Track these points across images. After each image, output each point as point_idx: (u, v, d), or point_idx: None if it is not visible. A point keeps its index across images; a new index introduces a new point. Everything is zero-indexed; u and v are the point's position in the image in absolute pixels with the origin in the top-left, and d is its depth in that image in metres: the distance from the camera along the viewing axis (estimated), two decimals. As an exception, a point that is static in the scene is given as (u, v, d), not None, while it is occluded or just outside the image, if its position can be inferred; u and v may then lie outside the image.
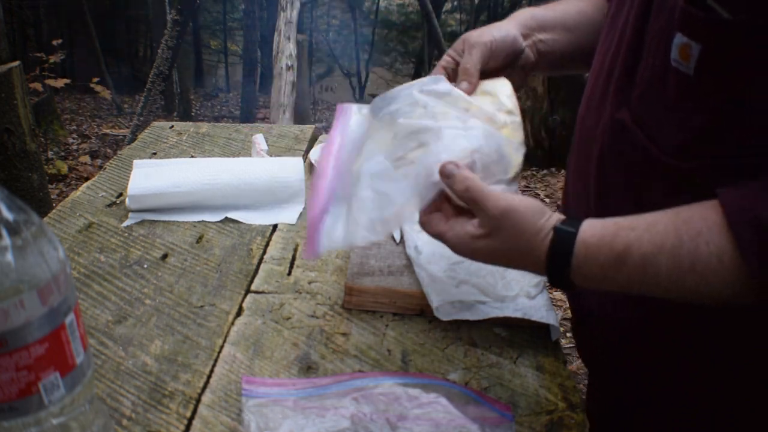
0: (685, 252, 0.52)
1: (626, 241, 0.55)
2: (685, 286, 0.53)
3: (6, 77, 2.44)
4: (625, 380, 0.73)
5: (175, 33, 5.24)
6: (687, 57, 0.53)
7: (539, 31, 0.80)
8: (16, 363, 0.43)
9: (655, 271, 0.53)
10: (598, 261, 0.56)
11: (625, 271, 0.55)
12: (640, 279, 0.54)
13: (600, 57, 0.70)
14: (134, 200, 0.98)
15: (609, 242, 0.55)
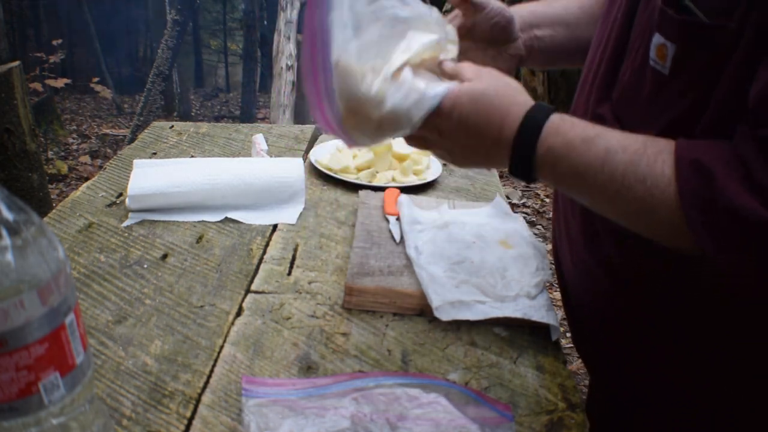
0: (644, 162, 0.53)
1: (599, 131, 0.56)
2: (633, 193, 0.53)
3: (6, 77, 2.44)
4: (624, 380, 0.73)
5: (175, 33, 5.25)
6: (663, 57, 0.55)
7: (536, 28, 0.81)
8: (16, 363, 0.43)
9: (613, 167, 0.54)
10: (567, 136, 0.56)
11: (587, 156, 0.55)
12: (597, 169, 0.55)
13: (591, 53, 0.72)
14: (134, 200, 0.98)
15: (584, 125, 0.57)
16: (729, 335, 0.61)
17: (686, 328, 0.63)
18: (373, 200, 1.01)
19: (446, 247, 0.86)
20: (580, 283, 0.75)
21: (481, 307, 0.76)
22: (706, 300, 0.59)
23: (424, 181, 1.14)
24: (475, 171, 1.26)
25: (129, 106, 7.58)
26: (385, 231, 0.92)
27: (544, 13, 0.82)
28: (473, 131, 0.60)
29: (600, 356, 0.77)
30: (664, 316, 0.64)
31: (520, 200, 4.05)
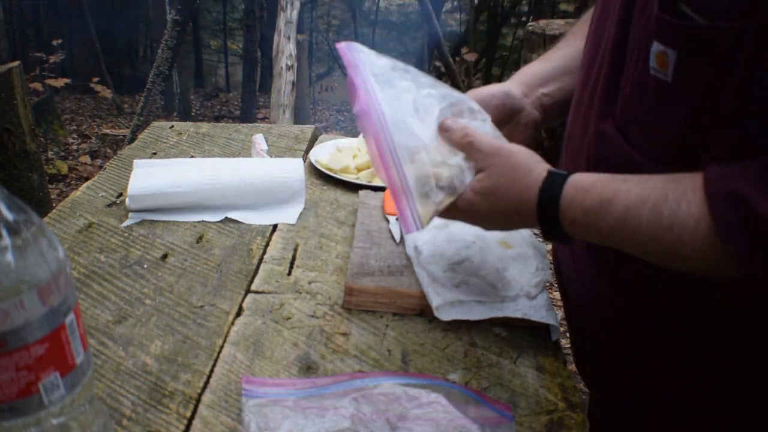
0: (667, 209, 0.53)
1: (615, 190, 0.57)
2: (661, 243, 0.54)
3: (6, 77, 2.44)
4: (624, 380, 0.73)
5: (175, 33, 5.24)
6: (664, 64, 0.54)
7: (542, 86, 0.82)
8: (16, 363, 0.43)
9: (636, 223, 0.55)
10: (584, 205, 0.58)
11: (609, 219, 0.57)
12: (621, 228, 0.56)
13: (583, 70, 0.71)
14: (134, 200, 0.98)
15: (600, 188, 0.58)
16: (729, 335, 0.61)
17: (686, 328, 0.63)
18: (373, 200, 1.01)
19: (446, 247, 0.86)
20: (580, 283, 0.75)
21: (481, 307, 0.76)
22: (706, 300, 0.59)
23: (424, 181, 1.14)
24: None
25: (129, 106, 7.57)
26: (385, 231, 0.92)
27: (545, 69, 0.83)
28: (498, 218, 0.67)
29: (600, 356, 0.77)
30: (664, 316, 0.64)
31: (520, 200, 4.04)
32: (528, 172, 0.63)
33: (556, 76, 0.83)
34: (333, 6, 12.79)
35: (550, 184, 0.61)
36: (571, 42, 0.85)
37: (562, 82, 0.82)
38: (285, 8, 4.82)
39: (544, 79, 0.82)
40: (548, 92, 0.82)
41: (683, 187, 0.53)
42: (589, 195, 0.58)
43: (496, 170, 0.65)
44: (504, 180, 0.64)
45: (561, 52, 0.85)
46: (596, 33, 0.69)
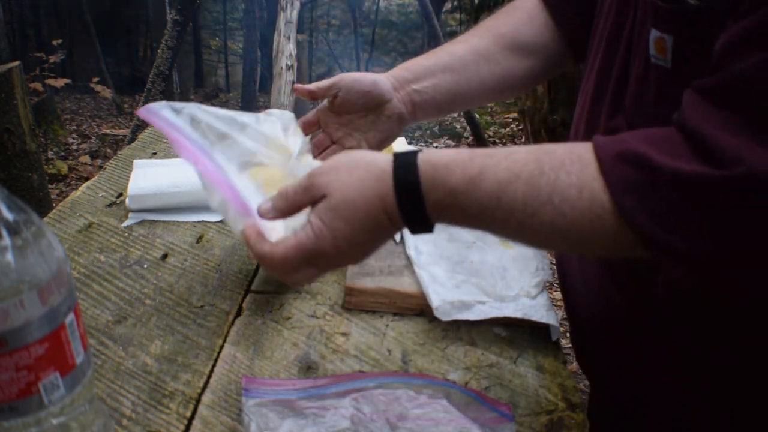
0: (544, 182, 0.49)
1: (481, 165, 0.52)
2: (541, 219, 0.49)
3: (6, 77, 2.44)
4: (624, 380, 0.73)
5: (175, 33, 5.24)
6: (663, 50, 0.53)
7: (414, 82, 0.81)
8: (16, 363, 0.43)
9: (511, 199, 0.50)
10: (448, 184, 0.52)
11: (478, 198, 0.51)
12: (493, 207, 0.51)
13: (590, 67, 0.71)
14: (134, 200, 0.98)
15: (462, 165, 0.52)
16: (729, 335, 0.61)
17: (686, 327, 0.63)
18: (373, 200, 1.01)
19: (446, 247, 0.86)
20: (581, 283, 0.75)
21: (481, 307, 0.76)
22: (706, 300, 0.59)
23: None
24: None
25: (129, 106, 7.58)
26: (385, 231, 0.92)
27: (424, 65, 0.82)
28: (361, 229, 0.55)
29: (600, 356, 0.77)
30: (663, 316, 0.64)
31: (520, 200, 4.04)
32: (369, 164, 0.55)
33: (433, 73, 0.81)
34: (333, 6, 12.79)
35: (402, 166, 0.54)
36: (467, 38, 0.84)
37: (438, 79, 0.80)
38: (285, 8, 4.82)
39: (417, 75, 0.81)
40: (420, 89, 0.81)
41: (559, 157, 0.50)
42: (453, 173, 0.52)
43: (338, 183, 0.55)
44: (349, 187, 0.55)
45: (449, 48, 0.83)
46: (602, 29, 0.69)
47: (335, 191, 0.55)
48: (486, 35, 0.83)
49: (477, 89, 0.83)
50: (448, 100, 0.82)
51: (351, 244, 0.56)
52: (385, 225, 0.55)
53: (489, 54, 0.82)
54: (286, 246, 0.56)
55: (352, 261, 0.60)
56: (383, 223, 0.55)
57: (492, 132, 6.22)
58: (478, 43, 0.82)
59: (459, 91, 0.82)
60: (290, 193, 0.58)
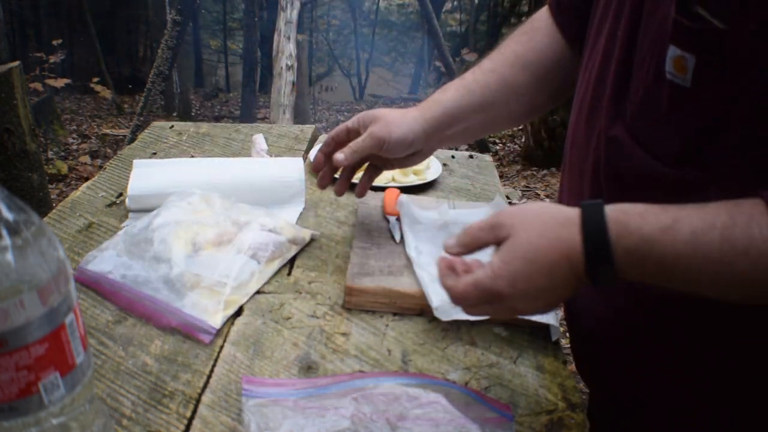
0: (739, 232, 0.48)
1: (674, 215, 0.51)
2: (736, 269, 0.49)
3: (6, 77, 2.44)
4: (624, 381, 0.73)
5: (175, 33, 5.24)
6: (683, 69, 0.53)
7: (448, 127, 0.82)
8: (16, 363, 0.43)
9: (707, 249, 0.49)
10: (642, 231, 0.51)
11: (676, 247, 0.50)
12: (689, 256, 0.50)
13: (585, 74, 0.71)
14: (134, 200, 0.98)
15: (655, 214, 0.51)
16: (729, 335, 0.61)
17: (686, 327, 0.63)
18: (373, 200, 1.01)
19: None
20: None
21: (481, 307, 0.76)
22: (706, 300, 0.59)
23: (424, 181, 1.14)
24: (474, 171, 1.26)
25: (129, 106, 7.57)
26: (385, 231, 0.92)
27: (460, 106, 0.82)
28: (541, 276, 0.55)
29: (600, 358, 0.77)
30: (663, 316, 0.64)
31: (520, 200, 4.05)
32: (557, 211, 0.56)
33: (467, 115, 0.82)
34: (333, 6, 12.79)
35: (589, 213, 0.53)
36: (498, 67, 0.84)
37: (470, 123, 0.82)
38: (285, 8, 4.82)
39: (453, 118, 0.81)
40: (451, 134, 0.83)
41: (748, 210, 0.49)
42: (646, 220, 0.51)
43: (523, 225, 0.56)
44: (534, 229, 0.55)
45: (484, 79, 0.83)
46: (596, 36, 0.68)
47: (520, 232, 0.55)
48: (516, 64, 0.84)
49: (502, 123, 0.88)
50: (472, 136, 0.88)
51: (528, 288, 0.55)
52: (565, 273, 0.54)
53: (519, 86, 0.83)
54: (467, 282, 0.57)
55: (528, 307, 0.58)
56: (563, 271, 0.54)
57: (492, 132, 6.21)
58: (509, 75, 0.83)
59: (485, 128, 0.87)
60: (475, 230, 0.60)
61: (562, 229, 0.54)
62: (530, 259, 0.55)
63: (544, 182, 4.51)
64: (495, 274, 0.55)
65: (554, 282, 0.55)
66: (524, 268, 0.55)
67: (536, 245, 0.54)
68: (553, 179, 4.53)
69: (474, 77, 0.84)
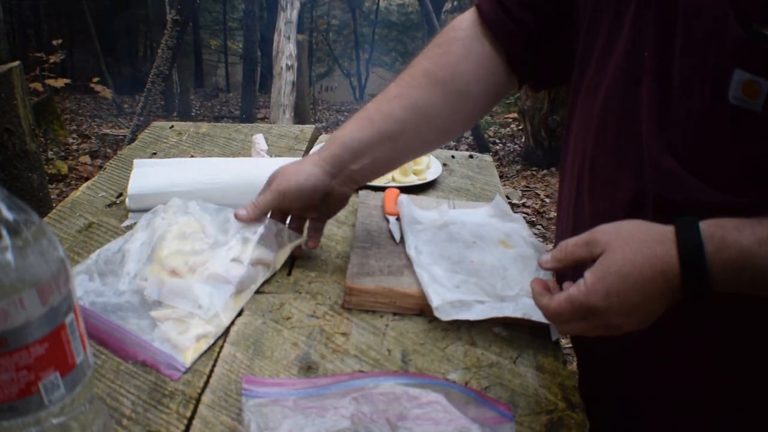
0: None
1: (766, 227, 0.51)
2: None
3: (6, 77, 2.44)
4: (626, 382, 0.73)
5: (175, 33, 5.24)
6: (754, 94, 0.51)
7: (352, 162, 0.79)
8: (16, 363, 0.43)
9: None
10: (740, 243, 0.51)
11: None
12: None
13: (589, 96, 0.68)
14: (134, 200, 0.98)
15: (751, 227, 0.51)
16: (730, 335, 0.61)
17: (686, 326, 0.63)
18: (373, 200, 1.01)
19: (446, 247, 0.86)
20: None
21: (481, 307, 0.76)
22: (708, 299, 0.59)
23: (424, 181, 1.14)
24: (474, 171, 1.26)
25: (129, 106, 7.58)
26: (385, 231, 0.92)
27: (361, 140, 0.78)
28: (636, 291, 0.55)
29: (599, 356, 0.77)
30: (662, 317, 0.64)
31: (520, 200, 4.05)
32: (650, 228, 0.56)
33: (371, 148, 0.78)
34: (333, 6, 12.79)
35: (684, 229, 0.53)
36: (404, 92, 0.79)
37: (376, 154, 0.79)
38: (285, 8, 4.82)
39: (355, 153, 0.78)
40: (358, 168, 0.79)
41: None
42: (743, 233, 0.51)
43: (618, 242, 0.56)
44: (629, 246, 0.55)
45: (386, 109, 0.79)
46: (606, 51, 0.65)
47: (615, 248, 0.55)
48: (425, 85, 0.79)
49: (416, 148, 0.84)
50: (386, 168, 0.84)
51: (622, 303, 0.55)
52: (661, 288, 0.54)
53: (429, 109, 0.79)
54: (560, 299, 0.58)
55: (622, 322, 0.57)
56: (659, 286, 0.54)
57: (492, 132, 6.22)
58: (417, 98, 0.79)
59: (397, 158, 0.83)
60: (571, 246, 0.60)
61: (657, 245, 0.54)
62: (625, 274, 0.54)
63: (544, 182, 4.51)
64: (589, 289, 0.56)
65: (649, 297, 0.55)
66: (619, 284, 0.55)
67: (631, 261, 0.54)
68: (553, 179, 4.53)
69: (377, 106, 0.80)
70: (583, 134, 0.70)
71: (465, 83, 0.79)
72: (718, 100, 0.53)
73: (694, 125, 0.56)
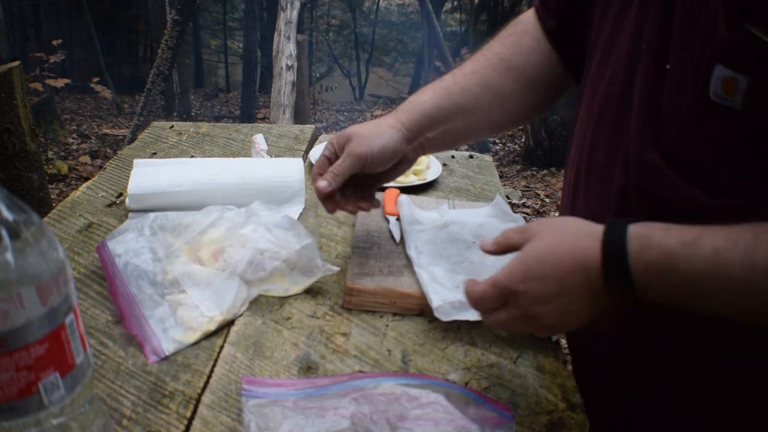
0: (762, 251, 0.47)
1: (698, 231, 0.50)
2: (758, 289, 0.48)
3: (6, 77, 2.43)
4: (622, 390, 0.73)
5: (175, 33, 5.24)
6: (732, 91, 0.50)
7: (428, 130, 0.79)
8: (16, 363, 0.43)
9: (728, 267, 0.48)
10: (663, 245, 0.50)
11: (695, 263, 0.49)
12: (709, 273, 0.49)
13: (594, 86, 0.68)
14: (134, 200, 0.98)
15: (677, 230, 0.51)
16: (728, 339, 0.60)
17: (685, 330, 0.63)
18: (373, 200, 1.01)
19: (446, 247, 0.86)
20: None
21: (481, 307, 0.76)
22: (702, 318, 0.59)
23: (424, 181, 1.14)
24: (474, 171, 1.26)
25: (129, 106, 7.57)
26: (385, 231, 0.92)
27: (440, 108, 0.79)
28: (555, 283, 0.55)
29: (597, 358, 0.77)
30: (662, 317, 0.64)
31: (520, 200, 4.05)
32: (582, 224, 0.56)
33: (447, 118, 0.79)
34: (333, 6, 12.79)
35: (611, 226, 0.53)
36: (480, 69, 0.81)
37: (450, 125, 0.79)
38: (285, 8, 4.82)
39: (432, 120, 0.78)
40: (432, 136, 0.79)
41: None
42: (668, 234, 0.51)
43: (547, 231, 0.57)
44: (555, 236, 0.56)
45: (464, 82, 0.80)
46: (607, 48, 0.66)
47: (543, 236, 0.57)
48: (500, 68, 0.81)
49: (484, 128, 0.85)
50: (453, 141, 0.83)
51: (541, 290, 0.55)
52: (580, 281, 0.54)
53: (502, 91, 0.80)
54: (485, 282, 0.59)
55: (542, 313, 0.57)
56: (579, 279, 0.54)
57: (492, 132, 6.21)
58: (492, 78, 0.80)
59: (467, 134, 0.83)
60: (509, 232, 0.62)
61: (582, 238, 0.55)
62: (544, 260, 0.56)
63: (544, 182, 4.51)
64: (510, 272, 0.57)
65: (568, 289, 0.55)
66: (538, 268, 0.56)
67: (553, 248, 0.56)
68: (553, 179, 4.53)
69: (454, 79, 0.81)
70: (584, 129, 0.70)
71: (534, 74, 0.81)
72: (701, 98, 0.53)
73: (680, 122, 0.56)
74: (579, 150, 0.71)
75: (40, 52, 5.33)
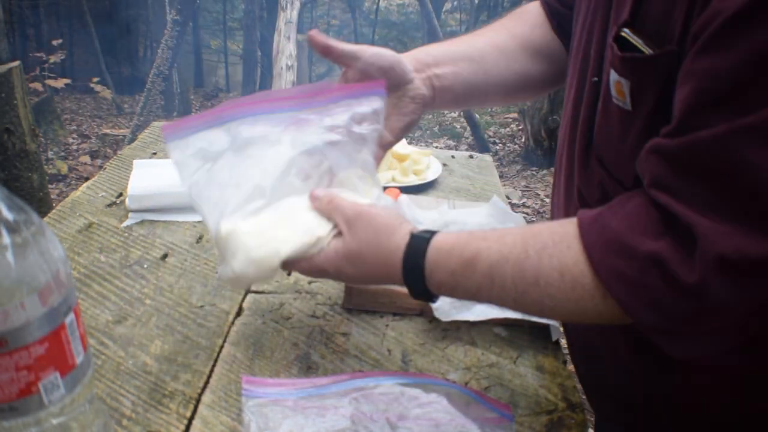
0: (530, 265, 0.53)
1: (476, 249, 0.56)
2: (531, 298, 0.54)
3: (6, 77, 2.43)
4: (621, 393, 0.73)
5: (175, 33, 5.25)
6: (622, 93, 0.54)
7: (435, 66, 0.76)
8: (16, 363, 0.43)
9: (501, 281, 0.54)
10: (449, 267, 0.57)
11: (474, 279, 0.56)
12: (488, 287, 0.56)
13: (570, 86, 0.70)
14: (134, 200, 0.98)
15: (460, 249, 0.57)
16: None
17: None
18: (373, 200, 1.01)
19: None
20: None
21: (481, 308, 0.76)
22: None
23: (424, 181, 1.14)
24: (474, 171, 1.26)
25: (129, 106, 7.57)
26: (385, 231, 0.92)
27: (444, 51, 0.78)
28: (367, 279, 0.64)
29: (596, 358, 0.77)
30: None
31: (520, 200, 4.05)
32: (390, 236, 0.61)
33: (453, 60, 0.77)
34: (333, 6, 12.79)
35: (413, 249, 0.59)
36: (483, 32, 0.81)
37: (458, 67, 0.77)
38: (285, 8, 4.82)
39: (438, 59, 0.76)
40: (440, 73, 0.76)
41: (542, 239, 0.54)
42: (452, 256, 0.57)
43: (358, 236, 0.61)
44: (366, 246, 0.61)
45: (468, 39, 0.81)
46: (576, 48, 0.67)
47: (355, 239, 0.61)
48: (502, 32, 0.81)
49: (495, 84, 0.81)
50: (466, 92, 0.79)
51: (350, 276, 0.63)
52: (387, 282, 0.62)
53: (508, 50, 0.80)
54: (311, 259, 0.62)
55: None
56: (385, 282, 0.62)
57: (492, 132, 6.22)
58: (496, 38, 0.80)
59: (478, 84, 0.79)
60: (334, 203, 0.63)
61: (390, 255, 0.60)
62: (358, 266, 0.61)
63: (544, 182, 4.51)
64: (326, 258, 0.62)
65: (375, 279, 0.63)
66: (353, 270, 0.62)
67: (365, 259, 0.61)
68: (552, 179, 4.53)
69: (459, 38, 0.81)
70: (563, 128, 0.72)
71: (539, 45, 0.81)
72: (609, 99, 0.56)
73: (600, 123, 0.60)
74: (559, 150, 0.73)
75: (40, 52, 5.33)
